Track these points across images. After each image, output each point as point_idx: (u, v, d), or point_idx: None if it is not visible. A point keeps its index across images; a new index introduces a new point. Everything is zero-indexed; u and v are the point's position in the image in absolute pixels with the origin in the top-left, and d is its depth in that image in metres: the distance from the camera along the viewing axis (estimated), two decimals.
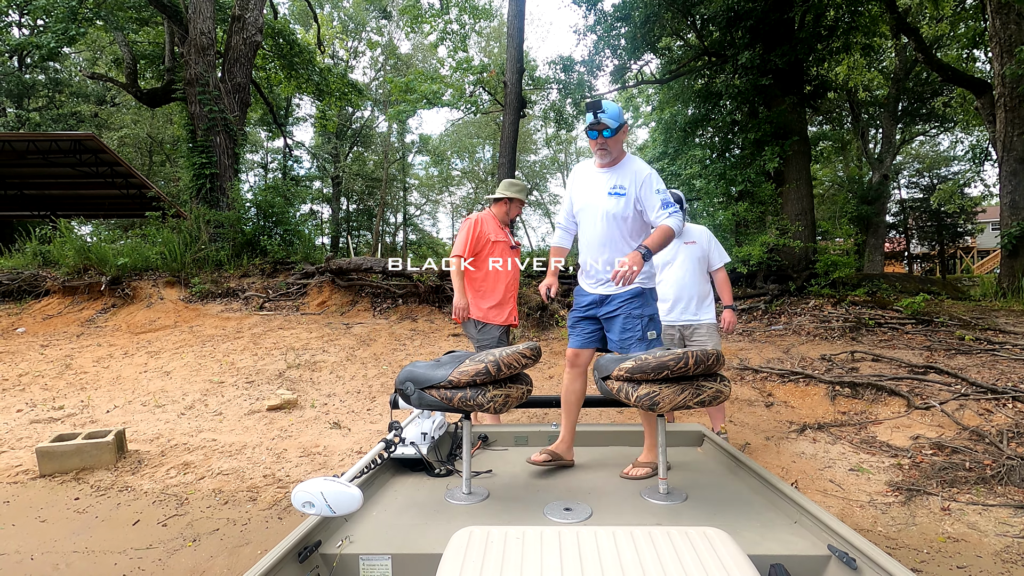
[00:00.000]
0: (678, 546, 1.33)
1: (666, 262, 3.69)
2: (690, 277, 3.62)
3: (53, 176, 13.65)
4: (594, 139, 2.39)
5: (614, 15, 9.68)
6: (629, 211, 2.41)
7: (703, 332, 3.61)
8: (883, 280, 8.85)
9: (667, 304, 3.63)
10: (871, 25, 9.29)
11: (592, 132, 2.36)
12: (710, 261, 3.67)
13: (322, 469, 3.71)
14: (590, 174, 2.54)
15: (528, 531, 1.44)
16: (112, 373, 5.83)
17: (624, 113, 2.54)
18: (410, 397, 1.99)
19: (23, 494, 3.41)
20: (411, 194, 35.52)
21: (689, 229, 3.69)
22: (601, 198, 2.44)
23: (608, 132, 2.35)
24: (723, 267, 3.69)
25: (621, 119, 2.37)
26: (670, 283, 3.65)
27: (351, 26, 26.94)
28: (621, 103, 19.29)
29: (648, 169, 2.43)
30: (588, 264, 2.54)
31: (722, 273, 3.69)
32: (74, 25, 9.34)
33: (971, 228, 23.09)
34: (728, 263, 3.73)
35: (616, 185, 2.41)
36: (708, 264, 3.67)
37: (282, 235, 10.42)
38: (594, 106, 2.32)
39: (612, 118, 2.33)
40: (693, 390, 1.95)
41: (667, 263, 3.68)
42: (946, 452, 3.60)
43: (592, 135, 2.38)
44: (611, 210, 2.41)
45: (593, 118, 2.32)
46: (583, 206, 2.52)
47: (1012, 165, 8.35)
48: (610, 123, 2.32)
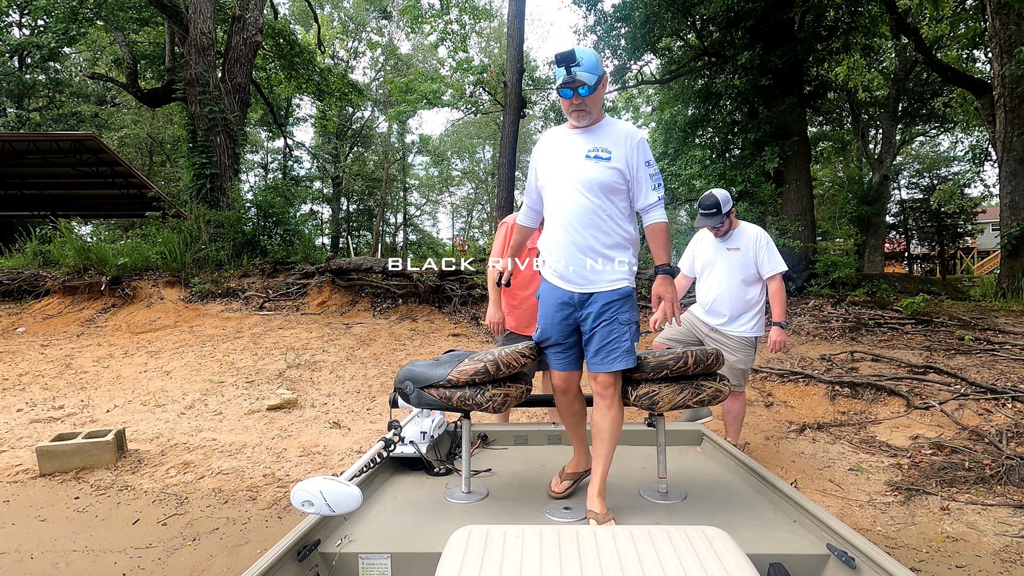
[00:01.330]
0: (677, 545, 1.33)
1: (704, 264, 3.36)
2: (727, 289, 3.24)
3: (53, 176, 13.65)
4: (568, 98, 1.89)
5: (614, 15, 9.70)
6: (617, 181, 1.90)
7: (730, 345, 3.28)
8: (883, 280, 8.86)
9: (704, 307, 3.39)
10: (871, 25, 9.30)
11: (566, 91, 1.87)
12: (759, 269, 3.21)
13: (322, 468, 3.71)
14: (561, 137, 2.01)
15: (528, 530, 1.44)
16: (112, 373, 5.84)
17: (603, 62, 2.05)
18: (409, 396, 1.99)
19: (23, 493, 3.41)
20: (411, 194, 35.57)
21: (737, 232, 3.28)
22: (576, 164, 1.92)
23: (586, 89, 1.85)
24: (779, 276, 3.21)
25: (600, 70, 1.88)
26: (707, 289, 3.35)
27: (351, 26, 26.96)
28: (621, 104, 19.26)
29: (639, 132, 1.97)
30: (559, 252, 1.96)
31: (776, 283, 3.21)
32: (75, 25, 9.34)
33: (971, 229, 23.09)
34: (785, 271, 3.24)
35: (597, 148, 1.92)
36: (757, 272, 3.23)
37: (282, 235, 10.43)
38: (566, 59, 1.81)
39: (590, 71, 1.84)
40: (692, 389, 1.95)
41: (705, 266, 3.36)
42: (945, 452, 3.60)
43: (566, 93, 1.88)
44: (592, 177, 1.89)
45: (566, 74, 1.82)
46: (551, 176, 1.98)
47: (1012, 165, 8.35)
48: (587, 78, 1.83)
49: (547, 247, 2.02)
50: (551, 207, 1.99)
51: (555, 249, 1.97)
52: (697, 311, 3.51)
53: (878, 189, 17.02)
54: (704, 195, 3.23)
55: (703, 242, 3.46)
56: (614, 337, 1.89)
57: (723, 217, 3.20)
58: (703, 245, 3.46)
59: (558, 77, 1.86)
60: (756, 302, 3.28)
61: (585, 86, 1.85)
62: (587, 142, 1.94)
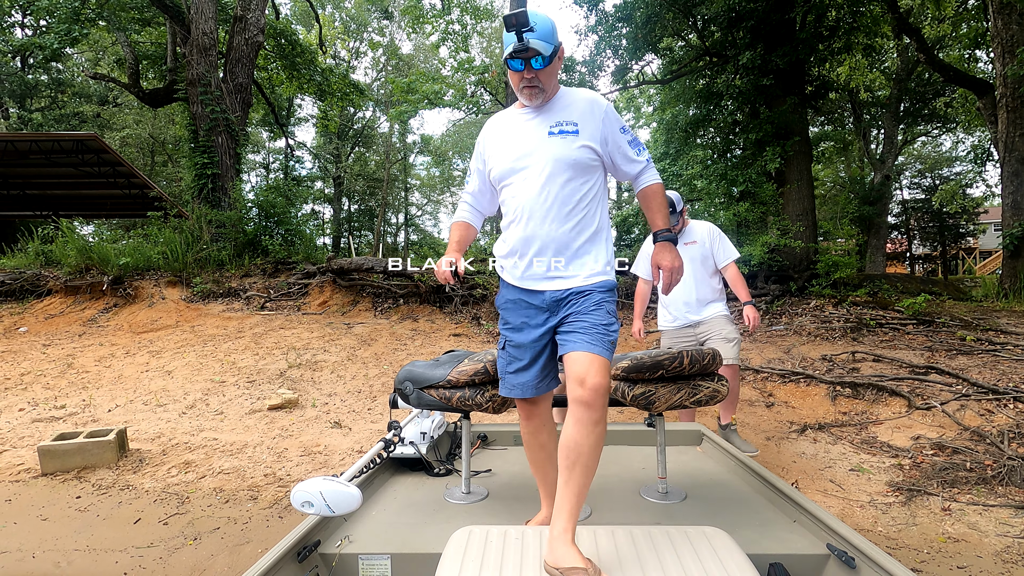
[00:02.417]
0: (677, 545, 1.33)
1: None
2: (693, 281, 3.38)
3: (55, 176, 13.69)
4: (518, 71, 1.60)
5: (615, 15, 9.69)
6: (591, 158, 1.65)
7: (715, 324, 3.37)
8: (884, 281, 8.84)
9: (670, 309, 3.48)
10: (873, 26, 9.27)
11: (515, 62, 1.59)
12: (715, 259, 3.41)
13: (323, 468, 3.72)
14: (512, 120, 1.73)
15: (527, 530, 1.44)
16: (114, 372, 5.85)
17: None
18: (409, 397, 1.99)
19: (25, 492, 3.42)
20: (412, 194, 35.59)
21: (690, 228, 3.49)
22: (539, 145, 1.64)
23: (540, 61, 1.58)
24: (733, 263, 3.42)
25: (556, 40, 1.60)
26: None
27: (353, 27, 26.98)
28: (622, 104, 19.19)
29: (602, 98, 1.71)
30: (528, 250, 1.66)
31: (733, 269, 3.40)
32: (77, 26, 9.36)
33: (973, 229, 23.05)
34: (738, 258, 3.47)
35: (561, 122, 1.65)
36: (714, 262, 3.42)
37: (284, 235, 10.44)
38: (518, 22, 1.52)
39: (544, 38, 1.55)
40: (689, 389, 1.95)
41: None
42: (947, 452, 3.59)
43: (515, 65, 1.59)
44: (561, 156, 1.62)
45: (517, 40, 1.53)
46: (508, 164, 1.68)
47: (1014, 166, 8.33)
48: (542, 47, 1.55)
49: (511, 246, 1.70)
50: (513, 200, 1.68)
51: (522, 247, 1.66)
52: (667, 324, 3.53)
53: (880, 189, 16.99)
54: None
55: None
56: (603, 324, 1.55)
57: (678, 216, 3.38)
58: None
59: (507, 44, 1.56)
60: (720, 290, 3.49)
61: (540, 57, 1.56)
62: (547, 118, 1.66)
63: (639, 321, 3.67)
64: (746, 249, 7.81)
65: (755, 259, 7.70)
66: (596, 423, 1.44)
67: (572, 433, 1.44)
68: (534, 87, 1.62)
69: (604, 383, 1.47)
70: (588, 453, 1.43)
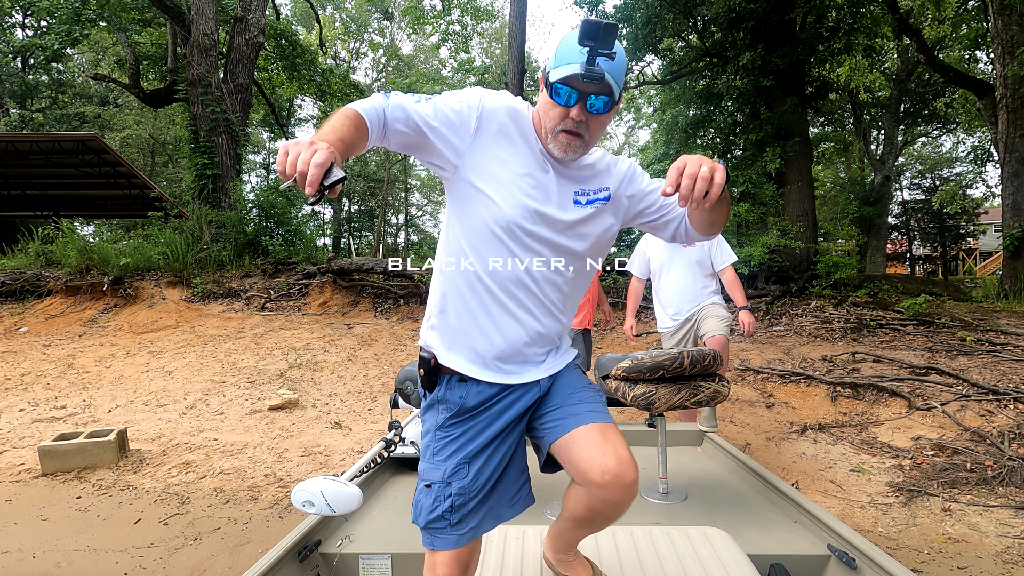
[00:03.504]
0: (678, 545, 1.33)
1: (661, 265, 3.42)
2: (690, 283, 3.35)
3: (56, 176, 13.70)
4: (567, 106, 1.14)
5: (615, 16, 9.70)
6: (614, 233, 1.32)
7: (707, 308, 3.31)
8: (885, 281, 8.84)
9: (669, 310, 3.45)
10: (873, 26, 9.28)
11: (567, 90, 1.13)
12: (712, 262, 3.35)
13: (323, 468, 3.72)
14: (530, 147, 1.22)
15: (528, 531, 1.44)
16: (114, 373, 5.85)
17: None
18: (410, 396, 1.99)
19: (25, 493, 3.42)
20: (413, 195, 35.58)
21: None
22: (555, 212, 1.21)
23: (602, 103, 1.13)
24: (730, 267, 3.37)
25: (623, 81, 1.19)
26: (668, 289, 3.41)
27: (353, 27, 26.99)
28: (623, 104, 19.23)
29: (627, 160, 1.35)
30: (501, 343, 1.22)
31: (730, 273, 3.36)
32: (77, 27, 9.37)
33: (973, 230, 23.04)
34: (736, 262, 3.41)
35: (587, 190, 1.26)
36: (711, 265, 3.37)
37: (284, 235, 10.45)
38: (604, 36, 1.05)
39: (618, 74, 1.13)
40: (690, 390, 1.95)
41: (663, 266, 3.42)
42: (947, 453, 3.59)
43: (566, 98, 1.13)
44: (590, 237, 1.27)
45: (588, 62, 1.07)
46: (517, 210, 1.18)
47: (1014, 166, 8.33)
48: (614, 86, 1.12)
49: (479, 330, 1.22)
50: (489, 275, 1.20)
51: (497, 338, 1.22)
52: (666, 326, 3.48)
53: (880, 190, 16.99)
54: None
55: (654, 244, 3.50)
56: (594, 392, 1.30)
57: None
58: (655, 247, 3.49)
59: (564, 60, 1.11)
60: (716, 291, 3.43)
61: (606, 97, 1.13)
62: (571, 182, 1.25)
63: (631, 318, 3.67)
64: (746, 250, 7.81)
65: (755, 260, 7.70)
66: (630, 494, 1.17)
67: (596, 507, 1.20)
68: (578, 136, 1.16)
69: (627, 453, 1.18)
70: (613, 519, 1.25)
